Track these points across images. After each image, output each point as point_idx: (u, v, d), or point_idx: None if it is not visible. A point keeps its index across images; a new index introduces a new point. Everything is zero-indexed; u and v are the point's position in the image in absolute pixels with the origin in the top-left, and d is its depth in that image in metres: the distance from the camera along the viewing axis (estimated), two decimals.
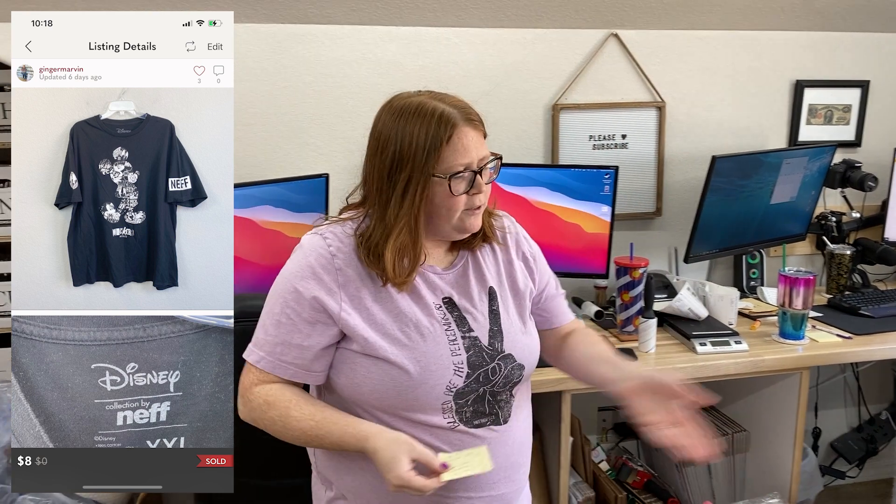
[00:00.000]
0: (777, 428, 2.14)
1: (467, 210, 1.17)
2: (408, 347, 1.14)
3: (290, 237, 2.06)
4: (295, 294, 1.17)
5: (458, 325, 1.18)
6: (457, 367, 1.16)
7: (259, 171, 2.17)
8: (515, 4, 2.22)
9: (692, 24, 2.41)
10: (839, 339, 2.06)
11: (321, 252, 1.17)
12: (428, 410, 1.15)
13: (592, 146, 2.41)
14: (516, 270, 1.29)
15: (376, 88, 2.24)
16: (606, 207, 2.18)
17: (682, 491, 2.26)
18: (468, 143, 1.13)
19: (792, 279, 2.00)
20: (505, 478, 1.21)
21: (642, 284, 2.04)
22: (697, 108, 2.49)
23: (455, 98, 1.18)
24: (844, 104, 2.59)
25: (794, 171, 2.35)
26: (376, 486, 1.17)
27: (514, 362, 1.21)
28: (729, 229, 2.33)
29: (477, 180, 1.15)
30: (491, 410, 1.19)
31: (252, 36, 2.15)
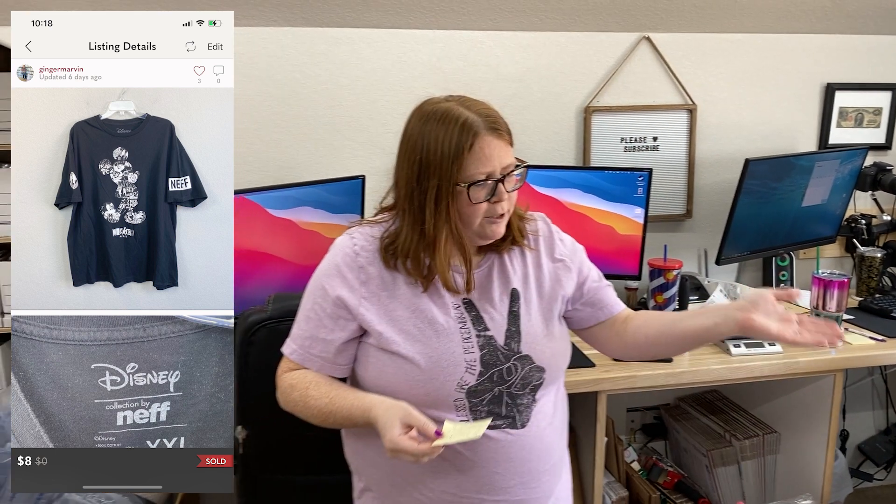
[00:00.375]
0: (808, 429, 2.15)
1: (488, 218, 1.18)
2: (420, 342, 1.17)
3: (327, 238, 2.09)
4: (322, 291, 1.24)
5: (475, 323, 1.20)
6: (469, 365, 1.17)
7: (296, 173, 2.21)
8: (549, 8, 2.24)
9: (723, 28, 2.42)
10: (872, 342, 2.07)
11: (346, 251, 1.24)
12: (441, 407, 1.17)
13: (623, 148, 2.42)
14: (545, 274, 1.28)
15: (411, 91, 2.27)
16: (640, 209, 2.20)
17: (712, 491, 2.27)
18: (490, 152, 1.14)
19: (826, 281, 2.01)
20: (521, 483, 1.21)
21: (676, 286, 2.06)
22: (728, 111, 2.50)
23: (483, 105, 1.19)
24: (875, 107, 2.59)
25: (826, 173, 2.36)
26: (395, 481, 1.22)
27: (532, 364, 1.21)
28: (760, 231, 2.34)
29: (499, 189, 1.16)
30: (508, 413, 1.19)
31: (290, 39, 2.18)
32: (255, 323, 1.49)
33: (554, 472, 1.26)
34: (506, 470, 1.19)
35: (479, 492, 1.19)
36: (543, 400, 1.24)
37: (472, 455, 1.18)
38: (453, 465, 1.18)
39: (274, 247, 1.97)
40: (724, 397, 2.50)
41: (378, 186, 2.25)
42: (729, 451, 2.25)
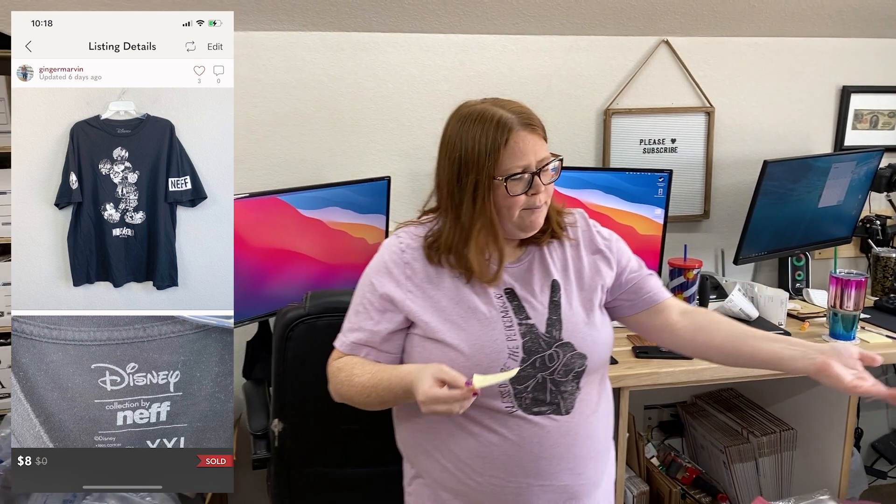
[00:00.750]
0: (825, 426, 2.19)
1: (527, 209, 1.24)
2: (464, 331, 1.22)
3: (354, 237, 2.14)
4: (370, 287, 1.30)
5: (516, 313, 1.25)
6: (512, 352, 1.22)
7: (323, 174, 2.26)
8: (570, 13, 2.28)
9: (741, 32, 2.46)
10: (889, 340, 2.10)
11: (393, 249, 1.31)
12: (486, 393, 1.21)
13: (643, 150, 2.47)
14: (584, 265, 1.33)
15: (435, 94, 2.32)
16: (660, 210, 2.24)
17: (729, 487, 2.31)
18: (525, 146, 1.20)
19: (844, 281, 2.05)
20: (567, 469, 1.24)
21: (696, 285, 2.10)
22: (745, 114, 2.54)
23: (516, 104, 1.25)
24: (890, 109, 2.63)
25: (842, 175, 2.39)
26: (444, 466, 1.27)
27: (574, 351, 1.25)
28: (777, 232, 2.38)
29: (535, 181, 1.22)
30: (552, 399, 1.24)
31: (318, 44, 2.23)
32: (294, 319, 1.54)
33: (599, 460, 1.29)
34: (551, 455, 1.23)
35: (526, 476, 1.23)
36: (588, 388, 1.27)
37: (518, 440, 1.22)
38: (501, 450, 1.22)
39: (304, 245, 2.02)
40: (740, 395, 2.54)
41: (401, 188, 2.33)
42: (746, 447, 2.29)
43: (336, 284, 2.10)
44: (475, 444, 1.24)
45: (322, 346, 1.51)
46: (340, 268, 2.13)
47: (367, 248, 2.18)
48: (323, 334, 1.53)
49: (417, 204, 2.35)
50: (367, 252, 2.19)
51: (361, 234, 2.16)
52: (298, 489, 1.70)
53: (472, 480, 1.25)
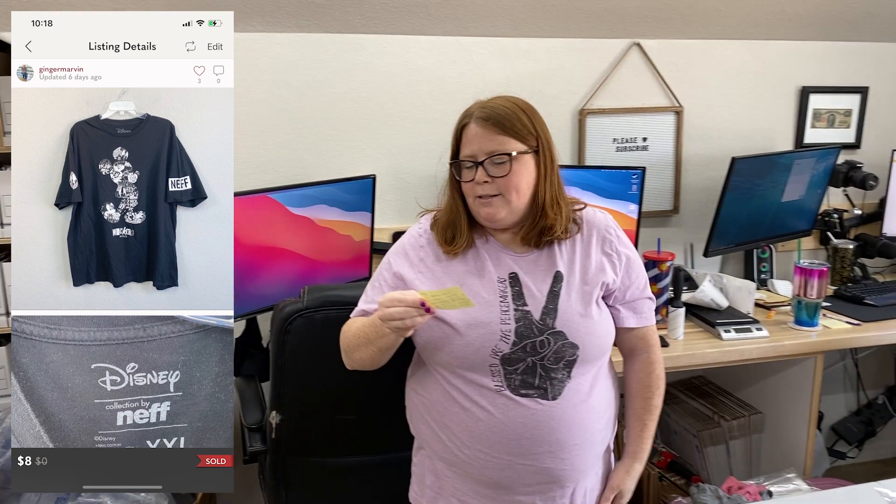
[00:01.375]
0: (791, 409, 2.31)
1: (480, 199, 1.33)
2: (462, 311, 1.30)
3: (341, 234, 2.19)
4: (388, 265, 1.42)
5: (515, 298, 1.32)
6: (503, 335, 1.29)
7: (309, 172, 2.30)
8: (545, 16, 2.36)
9: (708, 35, 2.57)
10: (849, 326, 2.24)
11: (413, 233, 1.44)
12: (478, 370, 1.30)
13: (616, 148, 2.56)
14: (592, 261, 1.37)
15: (418, 95, 2.37)
16: (634, 206, 2.34)
17: (702, 469, 2.42)
18: (472, 136, 1.32)
19: (807, 270, 2.17)
20: (548, 452, 1.30)
21: (669, 277, 2.20)
22: (712, 113, 2.66)
23: (501, 101, 1.34)
24: (846, 108, 2.77)
25: (803, 171, 2.52)
26: (440, 438, 1.36)
27: (566, 340, 1.30)
28: (744, 225, 2.49)
29: (478, 171, 1.31)
30: (540, 384, 1.30)
31: (303, 45, 2.27)
32: (293, 313, 1.58)
33: (587, 449, 1.34)
34: (533, 436, 1.29)
35: (508, 454, 1.30)
36: (580, 378, 1.33)
37: (503, 418, 1.30)
38: (487, 425, 1.30)
39: (292, 243, 2.06)
40: (710, 382, 2.65)
41: (386, 186, 2.38)
42: (717, 431, 2.41)
43: (323, 281, 2.14)
44: (465, 417, 1.32)
45: (320, 339, 1.57)
46: (327, 265, 2.17)
47: (354, 245, 2.23)
48: (321, 328, 1.58)
49: (402, 202, 2.44)
50: (354, 249, 2.24)
51: (348, 232, 2.20)
52: (294, 479, 1.74)
53: (461, 452, 1.33)
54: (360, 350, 1.36)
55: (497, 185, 1.31)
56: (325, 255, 2.17)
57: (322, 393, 1.65)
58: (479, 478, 1.34)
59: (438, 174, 1.45)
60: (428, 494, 1.43)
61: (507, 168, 1.30)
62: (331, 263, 2.18)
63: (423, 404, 1.41)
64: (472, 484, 1.35)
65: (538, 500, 1.34)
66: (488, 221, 1.35)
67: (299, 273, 2.10)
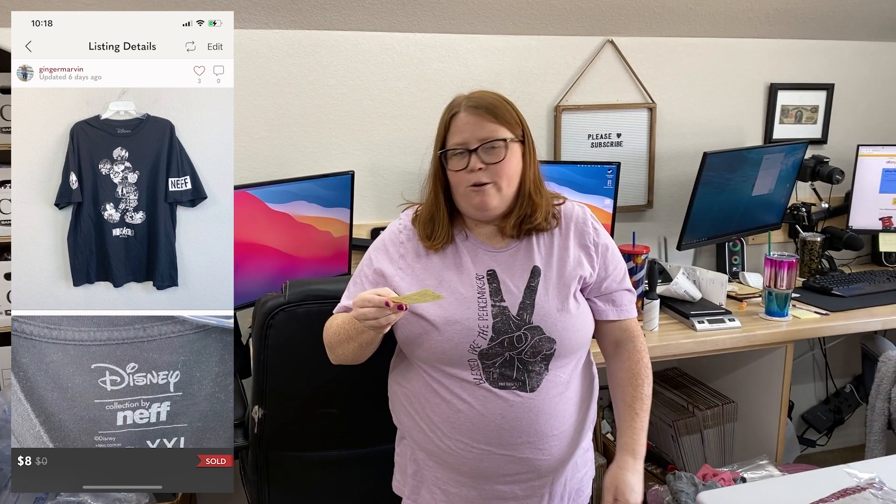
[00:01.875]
0: (762, 398, 2.37)
1: (473, 188, 1.33)
2: (441, 308, 1.33)
3: (320, 230, 2.19)
4: (368, 261, 1.44)
5: (492, 294, 1.34)
6: (481, 330, 1.32)
7: (288, 169, 2.30)
8: (522, 14, 2.39)
9: (679, 32, 2.62)
10: (818, 316, 2.30)
11: (393, 229, 1.45)
12: (457, 365, 1.33)
13: (591, 144, 2.60)
14: (570, 255, 1.39)
15: (394, 91, 2.39)
16: (609, 200, 2.38)
17: (677, 458, 2.47)
18: (464, 124, 1.33)
19: (777, 262, 2.23)
20: (527, 443, 1.33)
21: (644, 269, 2.24)
22: (684, 109, 2.71)
23: (484, 93, 1.37)
24: (812, 105, 2.85)
25: (773, 165, 2.59)
26: (421, 428, 1.38)
27: (542, 334, 1.32)
28: (716, 219, 2.55)
29: (472, 158, 1.31)
30: (518, 376, 1.32)
31: (279, 41, 2.27)
32: (275, 307, 1.59)
33: (565, 440, 1.37)
34: (513, 427, 1.32)
35: (488, 445, 1.32)
36: (558, 371, 1.35)
37: (483, 410, 1.32)
38: (467, 417, 1.33)
39: (271, 239, 2.06)
40: (684, 373, 2.71)
41: (364, 182, 2.39)
42: (692, 421, 2.46)
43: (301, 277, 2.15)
44: (446, 409, 1.34)
45: (302, 334, 1.58)
46: (307, 261, 2.18)
47: (333, 241, 2.23)
48: (303, 322, 1.59)
49: (379, 197, 2.45)
50: (333, 245, 2.25)
51: (327, 228, 2.21)
52: (276, 473, 1.75)
53: (442, 443, 1.35)
54: (342, 346, 1.37)
55: (490, 171, 1.32)
56: (304, 252, 2.18)
57: (305, 387, 1.66)
58: (460, 468, 1.36)
59: (416, 170, 1.46)
60: (410, 483, 1.45)
61: (502, 153, 1.32)
62: (310, 260, 2.18)
63: (405, 396, 1.43)
64: (453, 474, 1.38)
65: (518, 490, 1.37)
66: (480, 210, 1.35)
67: (279, 269, 2.10)
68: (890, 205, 2.78)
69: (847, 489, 1.32)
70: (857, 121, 2.93)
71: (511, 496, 1.37)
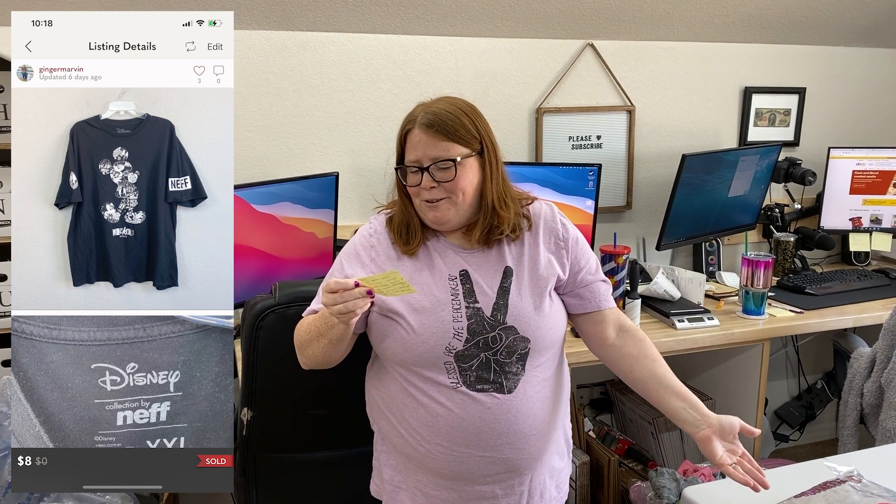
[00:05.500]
0: (739, 395, 2.42)
1: (427, 203, 1.35)
2: (415, 311, 1.33)
3: (304, 232, 2.19)
4: (339, 266, 1.43)
5: (466, 296, 1.35)
6: (456, 332, 1.32)
7: (272, 170, 2.30)
8: (504, 17, 2.41)
9: (658, 36, 2.67)
10: (792, 314, 2.36)
11: (363, 234, 1.44)
12: (432, 368, 1.32)
13: (571, 146, 2.64)
14: (541, 255, 1.39)
15: (379, 93, 2.39)
16: (590, 201, 2.41)
17: (657, 455, 2.51)
18: (416, 142, 1.33)
19: (754, 262, 2.28)
20: (507, 444, 1.33)
21: (625, 269, 2.28)
22: (662, 112, 2.76)
23: (443, 104, 1.35)
24: (785, 108, 2.92)
25: (748, 167, 2.65)
26: (399, 431, 1.38)
27: (517, 334, 1.33)
28: (694, 220, 2.60)
29: (424, 177, 1.33)
30: (495, 378, 1.32)
31: (263, 43, 2.27)
32: (264, 309, 1.58)
33: (541, 437, 1.38)
34: (492, 430, 1.32)
35: (468, 447, 1.33)
36: (533, 371, 1.35)
37: (462, 414, 1.32)
38: (446, 421, 1.33)
39: (256, 240, 2.06)
40: None
41: (348, 183, 2.40)
42: None
43: (287, 278, 2.14)
44: (424, 413, 1.34)
45: (292, 335, 1.57)
46: (292, 262, 2.18)
47: (317, 242, 2.24)
48: (292, 323, 1.57)
49: (363, 199, 2.46)
50: (317, 247, 2.25)
51: (311, 229, 2.21)
52: (264, 475, 1.74)
53: (421, 447, 1.35)
54: (312, 345, 1.37)
55: (444, 188, 1.33)
56: (288, 253, 2.18)
57: (294, 388, 1.66)
58: (440, 470, 1.36)
59: None
60: (387, 488, 1.45)
61: (452, 173, 1.32)
62: (295, 261, 2.18)
63: (381, 400, 1.42)
64: (432, 476, 1.37)
65: (497, 489, 1.37)
66: (436, 224, 1.37)
67: (264, 270, 2.10)
68: (860, 205, 2.86)
69: (827, 482, 1.36)
70: (829, 123, 3.02)
71: (491, 496, 1.37)
